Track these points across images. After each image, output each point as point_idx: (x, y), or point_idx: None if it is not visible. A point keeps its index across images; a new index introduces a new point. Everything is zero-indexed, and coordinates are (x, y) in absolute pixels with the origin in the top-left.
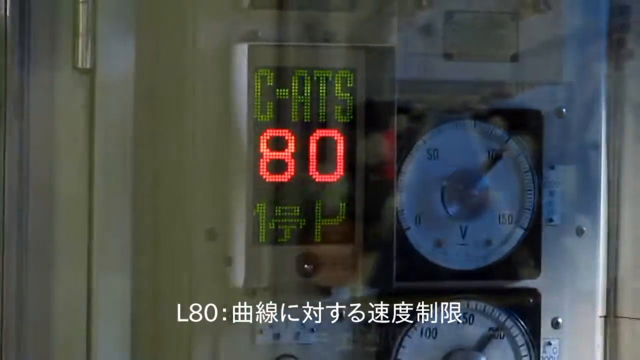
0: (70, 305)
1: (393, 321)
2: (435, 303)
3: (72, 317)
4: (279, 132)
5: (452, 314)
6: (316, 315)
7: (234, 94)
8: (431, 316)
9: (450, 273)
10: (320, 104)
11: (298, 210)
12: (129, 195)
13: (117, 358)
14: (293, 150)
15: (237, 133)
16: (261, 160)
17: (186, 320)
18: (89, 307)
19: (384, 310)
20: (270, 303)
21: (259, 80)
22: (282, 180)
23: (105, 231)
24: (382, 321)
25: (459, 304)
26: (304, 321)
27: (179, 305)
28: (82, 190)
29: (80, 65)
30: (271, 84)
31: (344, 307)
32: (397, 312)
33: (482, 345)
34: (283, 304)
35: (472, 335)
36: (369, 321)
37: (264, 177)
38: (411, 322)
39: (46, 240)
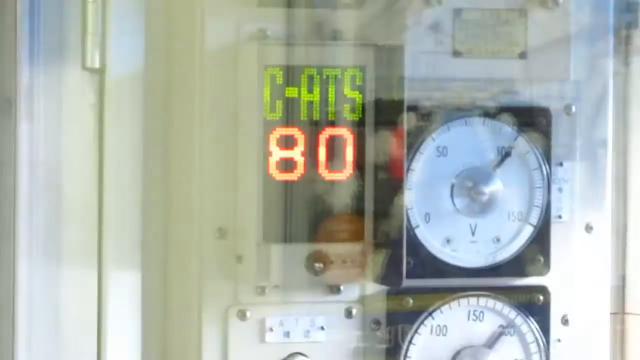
0: (80, 304)
1: (403, 319)
2: (445, 300)
3: (82, 316)
4: (288, 131)
5: (462, 311)
6: (326, 313)
7: (243, 93)
8: (441, 314)
9: (460, 270)
10: (330, 103)
11: (307, 208)
12: (138, 194)
13: (128, 357)
14: (302, 149)
15: (246, 132)
16: (270, 158)
17: (196, 318)
18: (99, 306)
19: (394, 307)
20: (280, 301)
21: (268, 79)
22: (292, 178)
23: (115, 230)
24: (391, 319)
25: (468, 301)
26: (313, 319)
27: (188, 303)
28: (91, 190)
29: (89, 64)
30: (280, 82)
31: (353, 304)
32: (407, 309)
33: (492, 342)
34: (293, 302)
35: (482, 333)
36: (379, 319)
37: (274, 175)
38: (421, 319)
39: (56, 239)
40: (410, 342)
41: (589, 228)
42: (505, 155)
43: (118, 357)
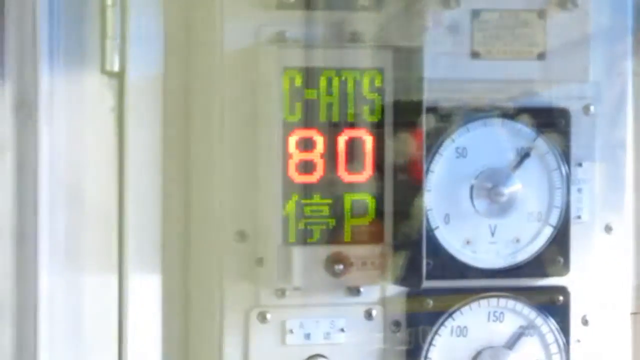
0: (101, 308)
1: (423, 320)
2: (465, 301)
3: (103, 320)
4: (307, 133)
5: (482, 312)
6: (346, 314)
7: (262, 95)
8: (461, 315)
9: (480, 271)
10: (349, 104)
11: (327, 210)
12: (159, 197)
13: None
14: (322, 151)
15: (265, 134)
16: (290, 160)
17: (217, 321)
18: (120, 310)
19: (414, 309)
20: (301, 303)
21: (287, 81)
22: (311, 180)
23: (135, 234)
24: (411, 320)
25: (488, 302)
26: (334, 321)
27: (209, 307)
28: (112, 194)
29: (108, 68)
30: (299, 84)
31: (374, 306)
32: (427, 311)
33: (512, 343)
34: (313, 304)
35: (502, 334)
36: (399, 320)
37: (293, 177)
38: (441, 320)
39: (77, 243)
40: (430, 343)
41: (608, 229)
42: (524, 156)
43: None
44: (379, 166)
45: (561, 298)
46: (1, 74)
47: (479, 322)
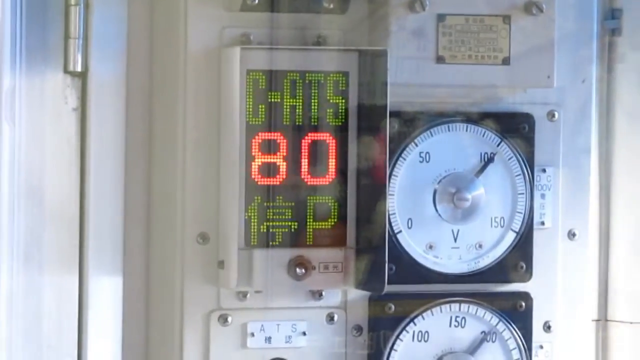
0: (61, 309)
1: (384, 324)
2: (427, 306)
3: (63, 321)
4: (270, 135)
5: (444, 317)
6: (308, 318)
7: (225, 97)
8: (423, 320)
9: (442, 276)
10: (312, 107)
11: (290, 214)
12: (120, 198)
13: None
14: (285, 154)
15: (228, 136)
16: (253, 163)
17: (178, 323)
18: (80, 311)
19: (376, 313)
20: (262, 306)
21: (250, 83)
22: (274, 183)
23: (96, 235)
24: (373, 324)
25: (450, 307)
26: (295, 324)
27: (170, 309)
28: (73, 194)
29: (71, 68)
30: (263, 87)
31: (335, 310)
32: (389, 315)
33: (473, 349)
34: (274, 307)
35: (464, 339)
36: (361, 324)
37: (256, 180)
38: (403, 325)
39: (37, 243)
40: (392, 348)
41: (571, 235)
42: (488, 161)
43: None
44: (342, 170)
45: (523, 304)
46: None
47: (440, 327)
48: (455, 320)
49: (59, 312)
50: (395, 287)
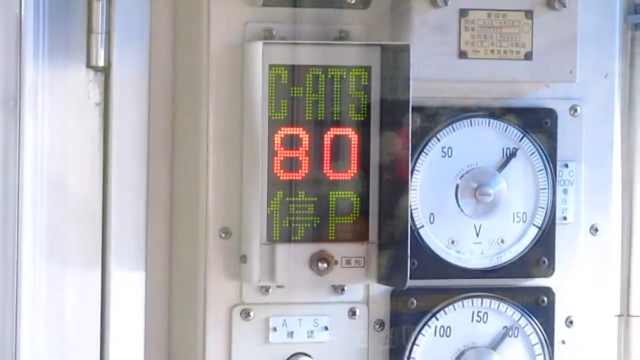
0: (84, 304)
1: (406, 320)
2: (449, 301)
3: (85, 316)
4: (293, 130)
5: (466, 312)
6: (330, 313)
7: (248, 92)
8: (445, 315)
9: (464, 271)
10: (335, 102)
11: (312, 208)
12: (143, 193)
13: (131, 357)
14: (307, 149)
15: (251, 131)
16: (275, 158)
17: (200, 318)
18: (102, 306)
19: (398, 308)
20: (284, 301)
21: (273, 78)
22: (296, 178)
23: (119, 230)
24: (395, 319)
25: (472, 302)
26: (317, 319)
27: (193, 304)
28: (96, 189)
29: (94, 63)
30: (285, 81)
31: (357, 305)
32: (411, 310)
33: (495, 343)
34: (297, 302)
35: (486, 334)
36: (383, 319)
37: (278, 175)
38: (425, 320)
39: (60, 238)
40: (414, 343)
41: (594, 230)
42: (510, 156)
43: (121, 357)
44: (364, 164)
45: (545, 299)
46: None
47: (462, 322)
48: (478, 315)
49: (81, 307)
50: (418, 282)
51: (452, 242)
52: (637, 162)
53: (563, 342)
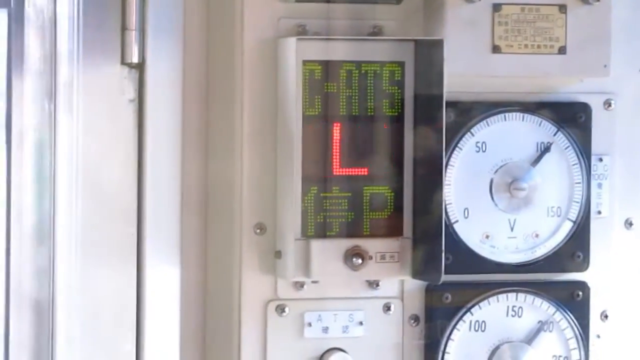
0: (119, 300)
1: (441, 314)
2: (484, 296)
3: (121, 312)
4: (326, 126)
5: (501, 307)
6: (365, 308)
7: (282, 88)
8: (480, 309)
9: (499, 266)
10: (368, 98)
11: (346, 204)
12: (177, 189)
13: (166, 352)
14: (341, 144)
15: (285, 127)
16: (309, 154)
17: (236, 313)
18: (138, 302)
19: (433, 303)
20: (319, 296)
21: (306, 74)
22: (330, 174)
23: (154, 226)
24: (430, 314)
25: (507, 297)
26: (352, 314)
27: (228, 299)
28: (131, 185)
29: (128, 59)
30: (319, 77)
31: (392, 300)
32: (446, 305)
33: (531, 338)
34: (331, 297)
35: (521, 329)
36: (418, 314)
37: (312, 170)
38: (460, 315)
39: (96, 235)
40: (448, 337)
41: (629, 224)
42: (544, 150)
43: (157, 352)
44: (398, 160)
45: (580, 293)
46: (22, 64)
47: (497, 317)
48: (512, 310)
49: (117, 303)
50: (452, 277)
51: (487, 236)
52: None
53: (598, 336)
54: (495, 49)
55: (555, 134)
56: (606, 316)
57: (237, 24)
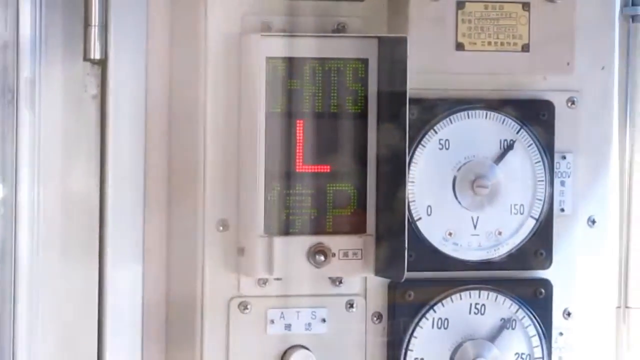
0: (81, 298)
1: (404, 312)
2: (447, 293)
3: (83, 310)
4: (290, 123)
5: (464, 304)
6: (328, 305)
7: (245, 85)
8: (442, 307)
9: (462, 263)
10: (332, 95)
11: (310, 201)
12: (140, 185)
13: (128, 349)
14: (304, 141)
15: (248, 123)
16: (272, 150)
17: (198, 309)
18: (100, 299)
19: (395, 300)
20: (282, 293)
21: (270, 71)
22: (293, 170)
23: (116, 223)
24: (393, 312)
25: (470, 294)
26: (315, 311)
27: (191, 296)
28: (93, 181)
29: (91, 56)
30: (282, 74)
31: (355, 297)
32: (409, 302)
33: (493, 336)
34: (294, 295)
35: (484, 326)
36: (380, 312)
37: (275, 167)
38: (422, 312)
39: (58, 231)
40: (411, 335)
41: (591, 221)
42: (507, 148)
43: (119, 349)
44: (361, 157)
45: (543, 291)
46: None
47: (460, 314)
48: (475, 308)
49: (78, 300)
50: (415, 274)
51: (450, 234)
52: (635, 153)
53: (561, 334)
54: (459, 47)
55: (518, 132)
56: (569, 314)
57: (200, 20)
